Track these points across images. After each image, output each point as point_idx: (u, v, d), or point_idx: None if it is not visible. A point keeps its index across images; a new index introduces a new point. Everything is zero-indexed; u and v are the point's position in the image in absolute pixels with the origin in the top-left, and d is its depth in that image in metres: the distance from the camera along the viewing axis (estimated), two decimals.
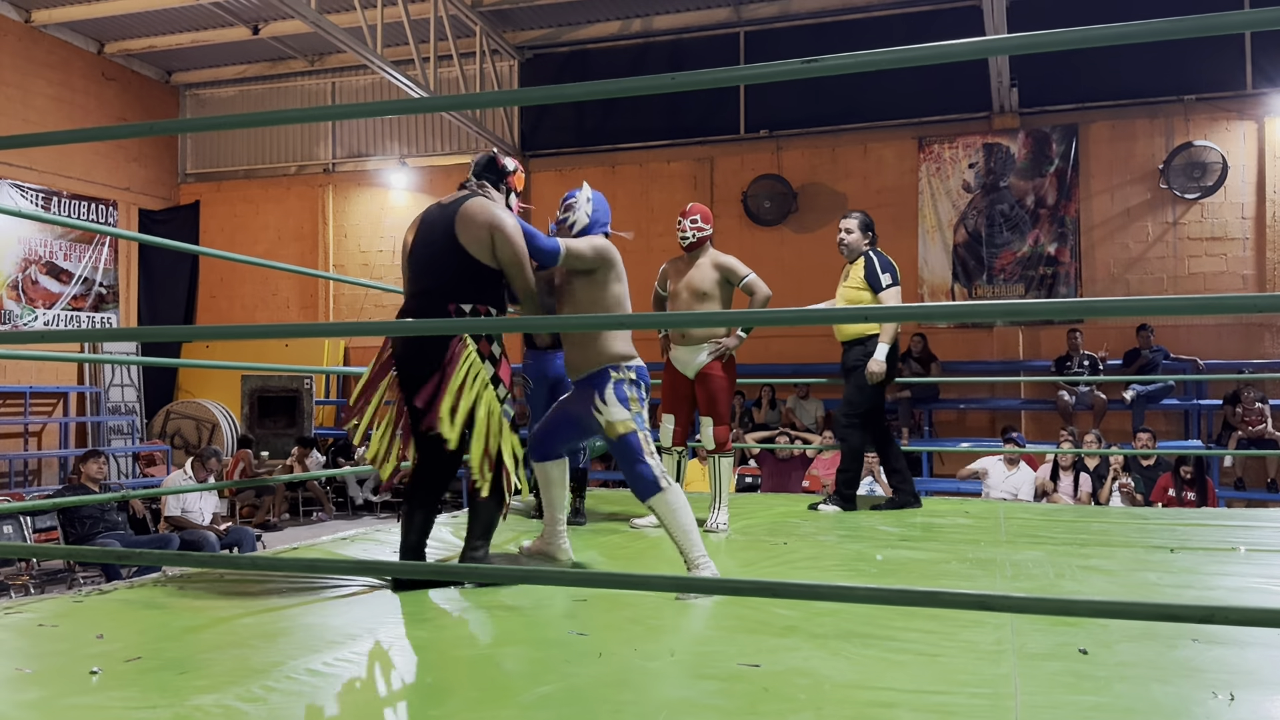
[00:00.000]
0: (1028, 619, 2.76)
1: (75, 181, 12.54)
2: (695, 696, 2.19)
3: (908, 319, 2.34)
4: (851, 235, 5.32)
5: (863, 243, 5.31)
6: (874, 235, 5.41)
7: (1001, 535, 4.50)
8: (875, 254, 5.27)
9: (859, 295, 5.23)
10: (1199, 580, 3.52)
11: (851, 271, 5.32)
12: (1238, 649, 2.51)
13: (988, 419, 11.02)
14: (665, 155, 12.23)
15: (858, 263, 5.29)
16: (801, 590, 2.66)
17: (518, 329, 3.02)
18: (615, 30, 12.08)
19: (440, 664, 2.52)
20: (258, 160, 14.16)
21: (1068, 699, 2.15)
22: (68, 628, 2.81)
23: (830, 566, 3.76)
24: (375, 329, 3.73)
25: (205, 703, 2.15)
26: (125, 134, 2.54)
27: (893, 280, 5.18)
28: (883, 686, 2.24)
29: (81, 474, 7.70)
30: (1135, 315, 10.06)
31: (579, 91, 1.86)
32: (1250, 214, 10.35)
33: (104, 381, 12.90)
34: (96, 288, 12.93)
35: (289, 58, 13.31)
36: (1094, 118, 10.81)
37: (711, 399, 4.67)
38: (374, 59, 9.99)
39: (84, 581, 7.32)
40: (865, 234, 5.33)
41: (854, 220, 5.37)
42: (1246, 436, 9.24)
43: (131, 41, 12.76)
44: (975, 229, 11.08)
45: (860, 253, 5.31)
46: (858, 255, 5.31)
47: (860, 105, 11.38)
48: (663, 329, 4.74)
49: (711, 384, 4.67)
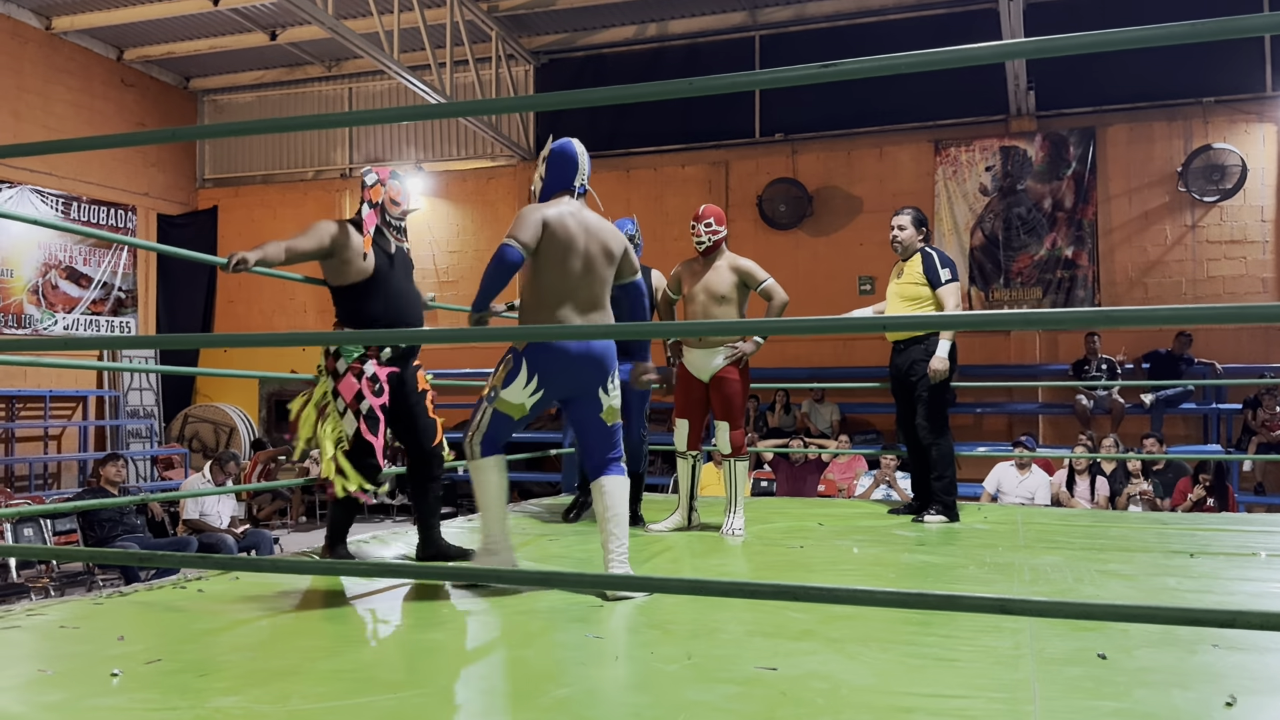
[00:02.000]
0: (1046, 624, 2.75)
1: (94, 187, 12.64)
2: (713, 700, 2.19)
3: (939, 327, 2.33)
4: (905, 232, 5.17)
5: (917, 239, 5.17)
6: (928, 231, 5.30)
7: (1020, 540, 4.49)
8: (934, 250, 5.15)
9: (917, 291, 5.09)
10: (1219, 585, 3.50)
11: (906, 268, 5.18)
12: (1259, 655, 2.50)
13: (1005, 423, 10.97)
14: (680, 159, 12.23)
15: (914, 259, 5.15)
16: (819, 594, 2.66)
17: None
18: (631, 35, 12.09)
19: (458, 666, 2.53)
20: (275, 165, 14.24)
21: (1087, 704, 2.14)
22: (88, 630, 2.83)
23: (847, 571, 3.75)
24: (391, 337, 3.77)
25: (226, 704, 2.16)
26: (146, 140, 2.56)
27: (952, 275, 5.07)
28: (901, 691, 2.24)
29: (101, 477, 7.76)
30: (1176, 324, 9.97)
31: (595, 97, 1.86)
32: (1270, 217, 10.28)
33: (123, 385, 12.98)
34: (115, 292, 13.02)
35: (306, 63, 13.38)
36: (1111, 120, 10.76)
37: (726, 403, 4.66)
38: (390, 64, 10.04)
39: (103, 584, 7.37)
40: (919, 230, 5.19)
41: (907, 216, 5.21)
42: (1266, 441, 9.17)
43: (150, 48, 12.86)
44: (992, 232, 11.04)
45: (915, 249, 5.16)
46: (913, 252, 5.17)
47: (876, 108, 11.34)
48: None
49: (726, 388, 4.65)
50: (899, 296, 5.18)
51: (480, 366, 11.73)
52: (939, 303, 5.04)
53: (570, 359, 3.30)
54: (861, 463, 8.91)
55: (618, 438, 3.44)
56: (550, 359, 3.29)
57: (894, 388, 5.33)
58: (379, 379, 3.72)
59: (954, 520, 5.04)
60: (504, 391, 3.34)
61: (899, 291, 5.18)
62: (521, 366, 3.31)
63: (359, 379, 3.68)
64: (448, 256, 13.08)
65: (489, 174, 13.04)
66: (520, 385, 3.31)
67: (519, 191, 12.74)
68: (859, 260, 11.38)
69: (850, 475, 8.88)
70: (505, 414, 3.36)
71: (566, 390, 3.39)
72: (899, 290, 5.18)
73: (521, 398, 3.33)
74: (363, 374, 3.68)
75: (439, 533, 3.95)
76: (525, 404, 3.34)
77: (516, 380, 3.31)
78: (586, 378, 3.36)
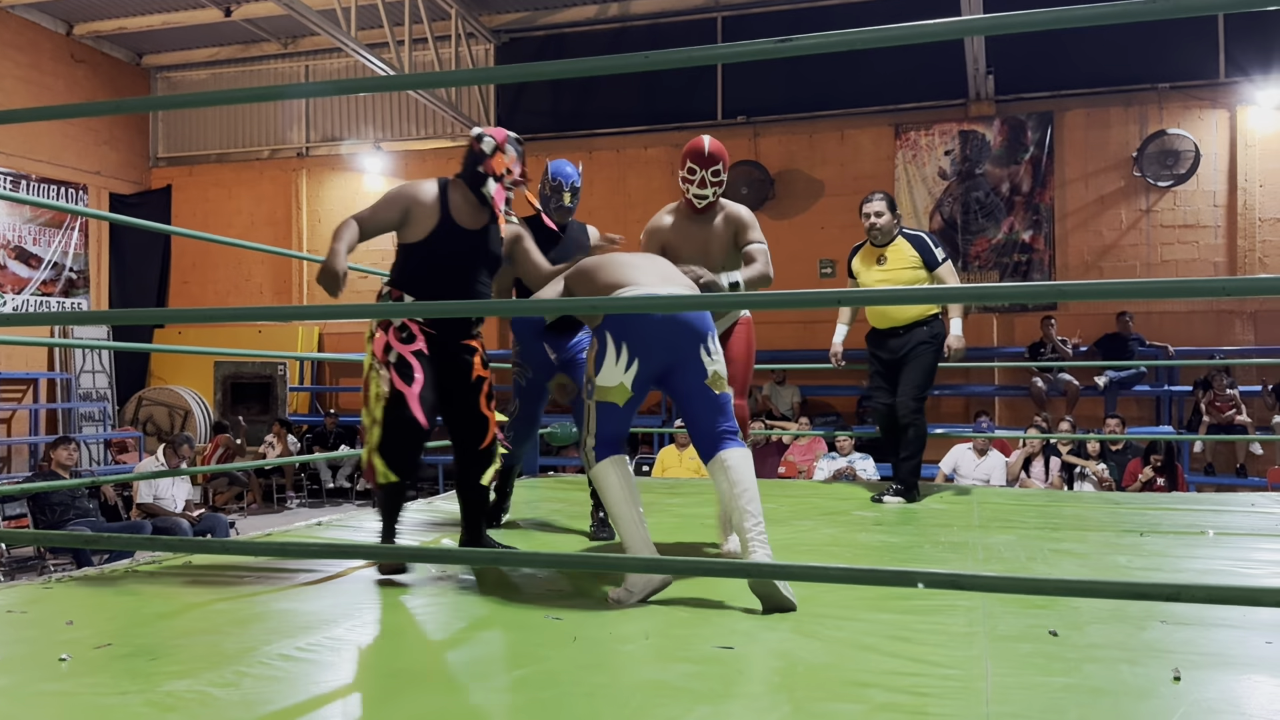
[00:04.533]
0: (999, 603, 2.78)
1: (44, 165, 12.37)
2: (669, 679, 2.20)
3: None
4: (883, 218, 5.01)
5: (894, 224, 5.06)
6: (900, 214, 5.18)
7: (974, 520, 4.54)
8: (919, 232, 5.10)
9: (913, 275, 4.96)
10: (1168, 563, 3.56)
11: (890, 255, 5.03)
12: (1205, 629, 2.54)
13: (962, 405, 11.10)
14: (642, 141, 12.19)
15: (897, 244, 5.03)
16: (775, 571, 2.67)
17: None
18: (592, 14, 12.02)
19: (415, 648, 2.51)
20: (230, 144, 14.02)
21: (1038, 680, 2.17)
22: (37, 614, 2.78)
23: (805, 551, 3.78)
24: (350, 312, 3.69)
25: (177, 689, 2.13)
26: (92, 112, 2.51)
27: (946, 254, 5.03)
28: (855, 668, 2.25)
29: (51, 461, 7.63)
30: (1118, 299, 10.17)
31: (551, 70, 1.84)
32: (1222, 202, 10.45)
33: (75, 368, 12.75)
34: (66, 273, 12.77)
35: (262, 40, 13.16)
36: (1069, 105, 10.87)
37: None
38: (348, 41, 9.90)
39: (55, 569, 7.25)
40: (894, 214, 5.07)
41: (881, 202, 5.05)
42: (1216, 422, 9.35)
43: (101, 23, 12.58)
44: (951, 216, 11.12)
45: (894, 234, 5.05)
46: (892, 237, 5.05)
47: (837, 92, 11.38)
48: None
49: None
50: (890, 283, 5.00)
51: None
52: (940, 282, 4.94)
53: (655, 320, 2.98)
54: (822, 445, 8.98)
55: (729, 407, 3.09)
56: (633, 324, 2.99)
57: (880, 370, 5.16)
58: (408, 328, 3.36)
59: (912, 502, 5.04)
60: (599, 378, 3.03)
61: (890, 279, 5.00)
62: (607, 341, 3.01)
63: (386, 331, 3.37)
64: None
65: (449, 154, 12.91)
66: (611, 363, 3.00)
67: None
68: (820, 243, 11.43)
69: (811, 457, 8.94)
70: (609, 403, 3.03)
71: (663, 358, 3.02)
72: (889, 278, 5.00)
73: (618, 377, 2.99)
74: (390, 326, 3.36)
75: (483, 535, 3.59)
76: (625, 383, 3.00)
77: (606, 360, 3.01)
78: (683, 341, 3.01)
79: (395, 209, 3.37)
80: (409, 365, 3.31)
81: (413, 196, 3.38)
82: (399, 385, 3.28)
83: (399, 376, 3.29)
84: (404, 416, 3.26)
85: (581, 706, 2.04)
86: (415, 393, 3.27)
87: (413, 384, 3.28)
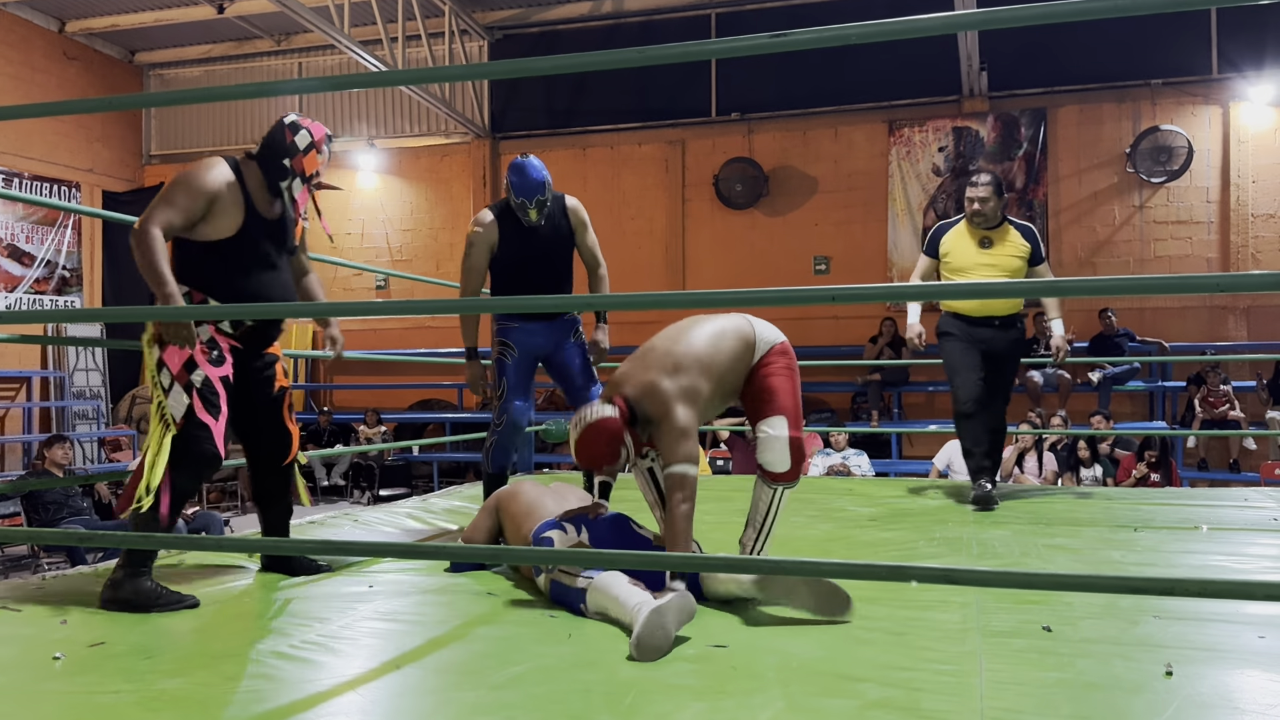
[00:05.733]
0: (993, 598, 2.78)
1: (36, 163, 12.31)
2: (664, 676, 2.20)
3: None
4: (989, 203, 4.67)
5: (1000, 207, 4.71)
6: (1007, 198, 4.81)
7: (969, 515, 4.54)
8: (1025, 222, 4.85)
9: (1019, 265, 4.66)
10: (1162, 558, 3.57)
11: (997, 240, 4.71)
12: (1198, 624, 2.55)
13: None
14: (636, 138, 12.18)
15: (1006, 230, 4.72)
16: (769, 566, 2.67)
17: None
18: (586, 11, 12.01)
19: (408, 645, 2.51)
20: (223, 141, 13.96)
21: (1032, 675, 2.18)
22: (31, 613, 2.77)
23: (801, 548, 3.78)
24: (346, 309, 3.65)
25: (171, 687, 2.13)
26: (84, 109, 2.49)
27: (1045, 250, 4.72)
28: (849, 663, 2.26)
29: (45, 459, 7.61)
30: (1112, 295, 10.17)
31: (543, 65, 1.84)
32: (1215, 198, 10.47)
33: (68, 366, 12.71)
34: (60, 271, 12.72)
35: (255, 37, 13.12)
36: (1062, 101, 10.88)
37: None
38: (341, 38, 9.88)
39: (48, 567, 7.23)
40: (1001, 197, 4.71)
41: (988, 186, 4.69)
42: (1210, 418, 9.37)
43: (94, 20, 12.53)
44: (945, 212, 11.12)
45: (999, 219, 4.73)
46: (998, 221, 4.73)
47: (831, 88, 11.38)
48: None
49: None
50: (998, 269, 4.67)
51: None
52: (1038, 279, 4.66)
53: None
54: (817, 440, 8.98)
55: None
56: None
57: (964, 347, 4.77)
58: (218, 345, 3.00)
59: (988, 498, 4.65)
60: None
61: (995, 264, 4.67)
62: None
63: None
64: (401, 235, 12.92)
65: (443, 151, 12.90)
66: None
67: (473, 169, 12.63)
68: (814, 240, 11.44)
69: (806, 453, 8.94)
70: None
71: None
72: (995, 262, 4.67)
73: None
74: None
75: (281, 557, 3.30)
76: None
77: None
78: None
79: (199, 200, 2.98)
80: (216, 394, 2.96)
81: (214, 186, 3.00)
82: (203, 416, 2.92)
83: (204, 405, 2.93)
84: (205, 452, 2.93)
85: (576, 703, 2.04)
86: (221, 427, 2.96)
87: (219, 417, 2.95)
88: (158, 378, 2.95)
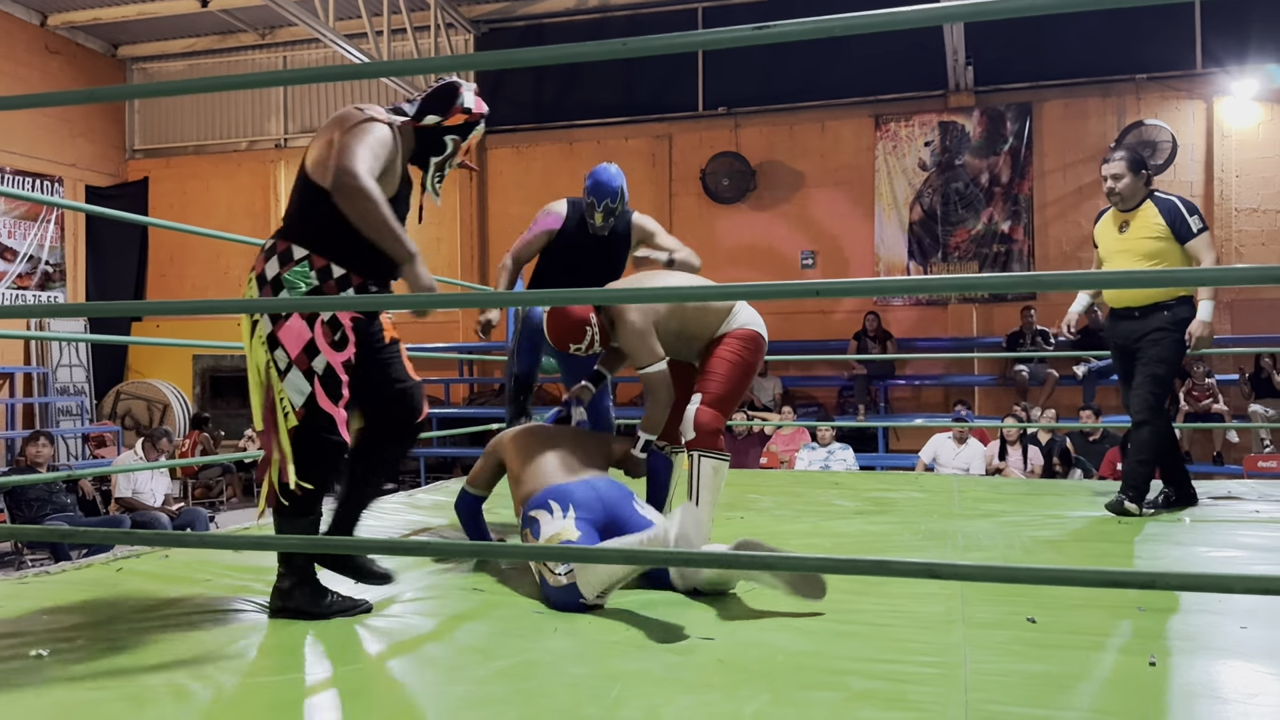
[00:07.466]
0: (977, 591, 2.80)
1: (18, 157, 12.23)
2: (650, 669, 2.20)
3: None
4: (1122, 181, 4.30)
5: (1139, 186, 4.32)
6: (1149, 174, 4.42)
7: (954, 508, 4.56)
8: (1171, 195, 4.30)
9: (1156, 247, 4.22)
10: (1145, 550, 3.59)
11: (1134, 221, 4.31)
12: (1180, 616, 2.57)
13: (942, 395, 11.15)
14: (623, 133, 12.16)
15: (1144, 209, 4.29)
16: (754, 561, 2.67)
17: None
18: (572, 4, 11.98)
19: (395, 641, 2.50)
20: (207, 135, 13.90)
21: (1015, 667, 2.19)
22: (12, 610, 2.75)
23: (785, 540, 3.79)
24: (335, 304, 3.57)
25: (154, 683, 2.12)
26: (65, 101, 2.46)
27: (1203, 223, 4.22)
28: (834, 655, 2.27)
29: (27, 456, 7.56)
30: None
31: (528, 57, 1.83)
32: (1199, 192, 10.52)
33: (51, 362, 12.63)
34: (43, 266, 12.64)
35: (239, 31, 13.05)
36: (1048, 96, 10.92)
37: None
38: (326, 32, 9.84)
39: (32, 564, 7.19)
40: (1139, 174, 4.31)
41: (1121, 162, 4.32)
42: (1194, 410, 9.43)
43: (76, 13, 12.43)
44: (931, 207, 11.16)
45: (1141, 198, 4.31)
46: (1138, 201, 4.32)
47: (818, 83, 11.38)
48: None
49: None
50: (1132, 254, 4.29)
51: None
52: (1192, 259, 4.21)
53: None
54: (805, 435, 9.00)
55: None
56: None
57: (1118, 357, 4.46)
58: (340, 325, 2.63)
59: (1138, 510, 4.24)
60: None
61: (1130, 248, 4.30)
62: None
63: (311, 324, 2.59)
64: None
65: None
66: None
67: None
68: (801, 235, 11.46)
69: (793, 448, 8.96)
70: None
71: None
72: (1130, 246, 4.31)
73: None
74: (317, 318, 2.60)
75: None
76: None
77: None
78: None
79: (384, 157, 2.62)
80: (339, 381, 2.63)
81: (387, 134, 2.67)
82: (326, 406, 2.61)
83: (326, 394, 2.61)
84: (331, 442, 2.64)
85: (563, 696, 2.04)
86: (344, 415, 2.66)
87: (340, 403, 2.64)
88: (271, 358, 2.59)
